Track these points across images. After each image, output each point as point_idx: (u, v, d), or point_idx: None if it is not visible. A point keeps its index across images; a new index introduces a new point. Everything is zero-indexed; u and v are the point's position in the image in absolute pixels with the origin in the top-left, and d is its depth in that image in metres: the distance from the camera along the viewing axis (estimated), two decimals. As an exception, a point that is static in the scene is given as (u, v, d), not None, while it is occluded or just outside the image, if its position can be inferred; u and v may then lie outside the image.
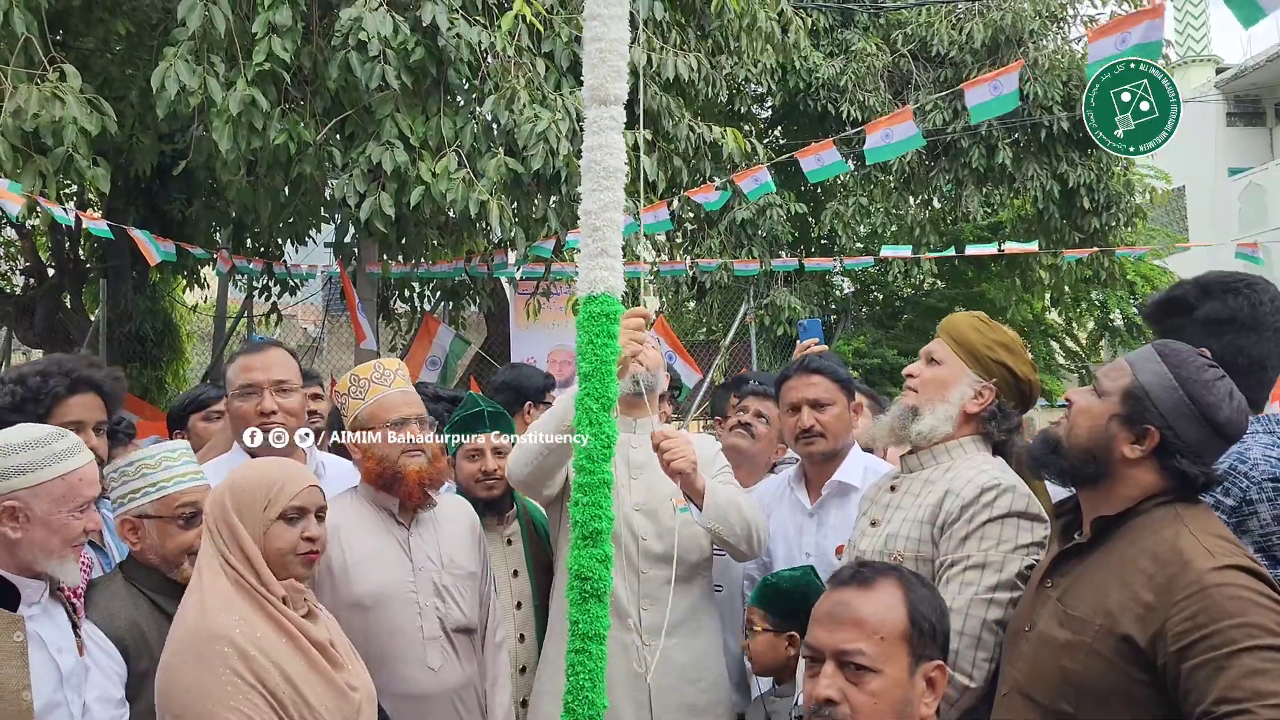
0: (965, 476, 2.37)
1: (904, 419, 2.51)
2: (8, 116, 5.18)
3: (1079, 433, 2.03)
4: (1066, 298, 14.34)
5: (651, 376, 2.98)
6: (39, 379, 2.57)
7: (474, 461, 3.21)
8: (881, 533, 2.49)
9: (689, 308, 15.14)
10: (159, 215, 8.79)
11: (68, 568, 2.14)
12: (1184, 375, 1.95)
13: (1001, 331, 2.56)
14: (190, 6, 5.42)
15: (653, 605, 2.84)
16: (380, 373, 2.89)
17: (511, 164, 5.90)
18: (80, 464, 2.17)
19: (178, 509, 2.40)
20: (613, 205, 2.01)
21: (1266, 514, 2.07)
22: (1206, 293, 2.26)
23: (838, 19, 12.28)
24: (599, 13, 2.04)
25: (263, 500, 2.23)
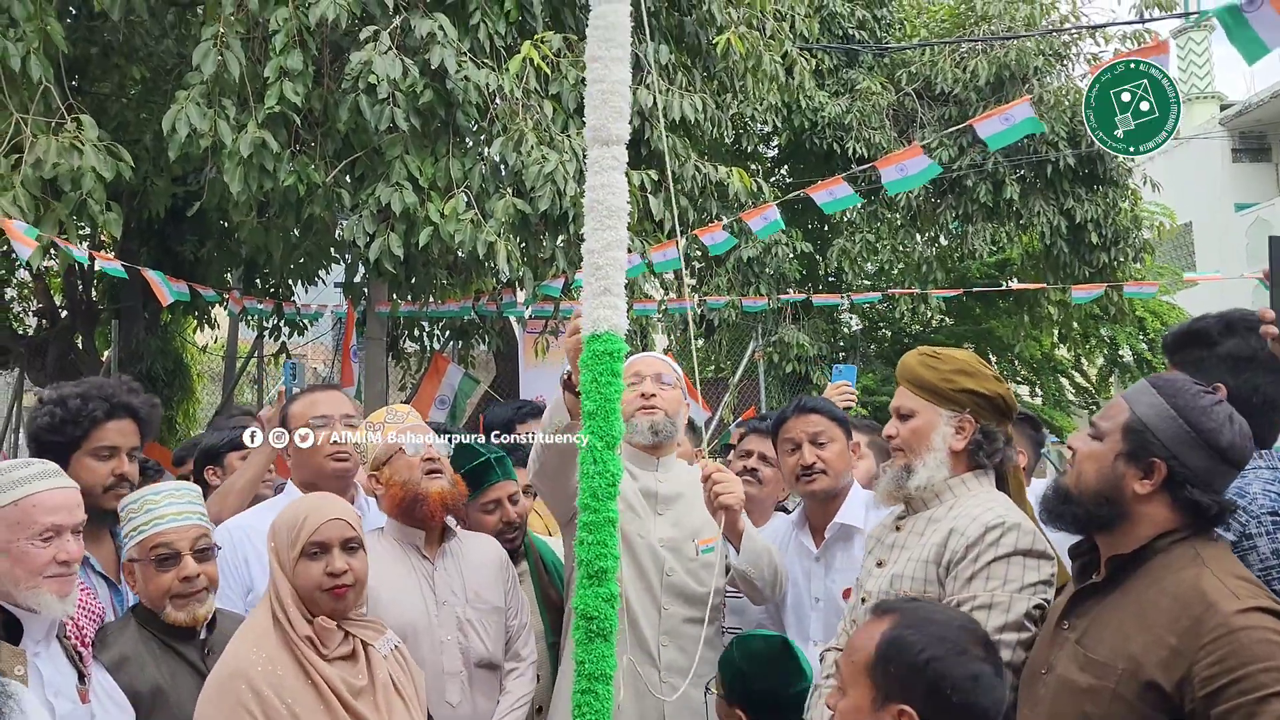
0: (970, 514, 2.36)
1: (899, 480, 2.50)
2: (28, 167, 5.27)
3: (1088, 478, 2.01)
4: (1075, 334, 14.32)
5: (670, 423, 3.00)
6: (79, 401, 2.57)
7: (493, 513, 3.16)
8: (887, 573, 2.48)
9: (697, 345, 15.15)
10: (171, 256, 8.89)
11: (43, 599, 2.07)
12: (1181, 404, 1.94)
13: (953, 359, 2.54)
14: (204, 52, 5.52)
15: (671, 642, 2.84)
16: (394, 415, 2.94)
17: (519, 204, 5.96)
18: (37, 490, 2.11)
19: (152, 550, 2.36)
20: (615, 244, 2.03)
21: (1266, 548, 2.06)
22: (1230, 329, 2.27)
23: (842, 59, 12.40)
24: (600, 55, 2.07)
25: (289, 537, 2.26)
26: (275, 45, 5.59)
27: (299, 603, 2.22)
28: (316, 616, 2.23)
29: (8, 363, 10.61)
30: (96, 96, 7.24)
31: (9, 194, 5.22)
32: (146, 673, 2.29)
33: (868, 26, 12.44)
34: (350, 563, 2.29)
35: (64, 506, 2.15)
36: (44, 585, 2.08)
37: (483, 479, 3.16)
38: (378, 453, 2.86)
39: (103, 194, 5.51)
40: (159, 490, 2.47)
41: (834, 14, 12.02)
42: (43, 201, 5.50)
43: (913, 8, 13.59)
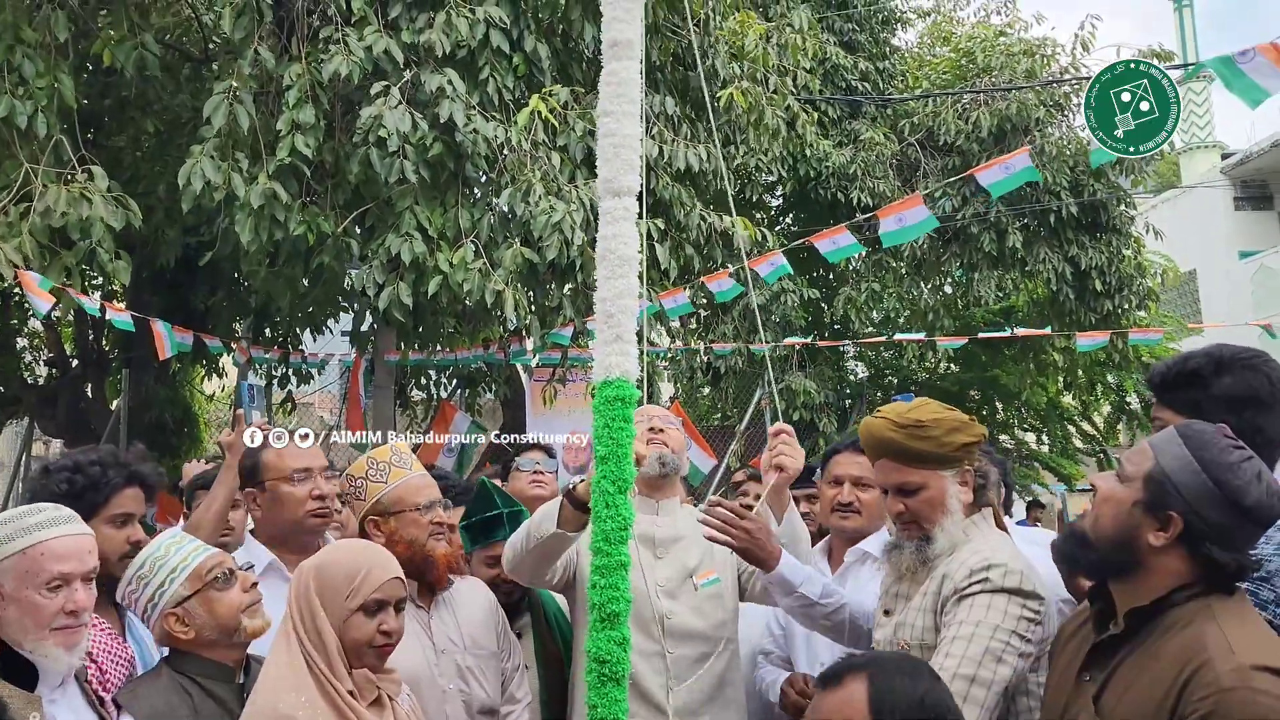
0: (960, 559, 2.37)
1: (921, 551, 2.47)
2: (36, 216, 5.35)
3: (1104, 523, 1.96)
4: (1081, 381, 14.32)
5: (676, 459, 3.05)
6: (98, 469, 2.56)
7: (493, 568, 3.15)
8: (892, 622, 2.50)
9: (704, 393, 15.17)
10: (182, 305, 8.96)
11: (50, 652, 2.03)
12: (1207, 458, 1.87)
13: (939, 421, 2.48)
14: (215, 105, 5.63)
15: (680, 684, 2.83)
16: (399, 456, 2.90)
17: (527, 254, 6.03)
18: (47, 537, 2.07)
19: (208, 575, 2.33)
20: (627, 292, 2.06)
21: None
22: (1223, 368, 2.20)
23: (846, 110, 12.56)
24: (612, 110, 2.12)
25: (345, 588, 2.20)
26: (288, 100, 5.70)
27: (342, 654, 2.18)
28: (356, 669, 2.21)
29: (18, 412, 10.65)
30: (111, 149, 7.37)
31: (15, 240, 5.30)
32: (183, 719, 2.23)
33: (871, 78, 12.62)
34: (401, 623, 2.28)
35: (74, 554, 2.10)
36: (50, 638, 2.04)
37: (492, 532, 3.18)
38: (383, 498, 2.82)
39: (112, 243, 5.59)
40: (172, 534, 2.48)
41: (837, 66, 12.21)
42: (49, 250, 5.58)
43: (915, 60, 13.80)
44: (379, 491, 2.83)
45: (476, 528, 3.23)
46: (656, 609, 2.87)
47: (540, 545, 2.70)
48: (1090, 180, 11.60)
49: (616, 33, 2.13)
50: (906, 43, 14.11)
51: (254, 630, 2.31)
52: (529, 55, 6.30)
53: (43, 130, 5.44)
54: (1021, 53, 11.85)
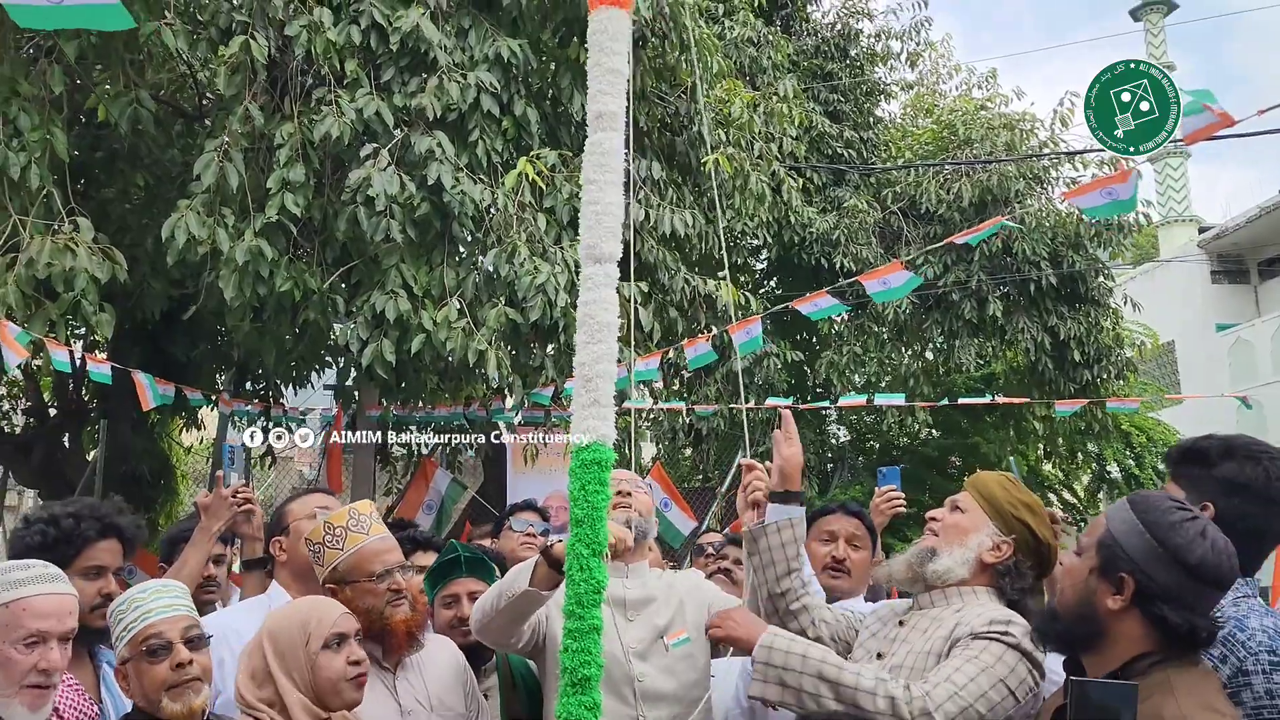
0: (976, 612, 2.42)
1: (922, 558, 2.57)
2: (21, 266, 5.37)
3: (1067, 594, 2.04)
4: (1061, 449, 14.39)
5: (645, 522, 3.06)
6: (72, 521, 2.58)
7: (450, 609, 3.22)
8: (886, 664, 2.50)
9: (685, 454, 15.16)
10: (162, 357, 8.94)
11: (13, 710, 2.02)
12: (1150, 519, 1.97)
13: (1027, 493, 2.62)
14: (205, 163, 5.68)
15: None
16: (356, 519, 2.83)
17: (511, 314, 6.07)
18: (31, 593, 2.08)
19: (143, 643, 2.31)
20: (605, 357, 2.09)
21: (1260, 686, 2.02)
22: (1230, 454, 2.30)
23: (830, 178, 12.77)
24: (595, 178, 2.17)
25: (302, 637, 2.26)
26: (279, 158, 5.77)
27: (310, 708, 2.20)
28: (333, 712, 2.22)
29: (-8, 461, 10.54)
30: (100, 201, 7.40)
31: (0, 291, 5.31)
32: None
33: (855, 147, 12.86)
34: (364, 653, 2.36)
35: (54, 614, 2.12)
36: (17, 696, 2.03)
37: (448, 574, 3.26)
38: (339, 566, 2.78)
39: (96, 295, 5.60)
40: (145, 589, 2.44)
41: (823, 134, 12.44)
42: (34, 301, 5.59)
43: (898, 130, 14.07)
44: (335, 559, 2.78)
45: (435, 572, 3.30)
46: (628, 671, 2.86)
47: (511, 604, 2.68)
48: (1069, 252, 11.79)
49: (601, 105, 2.19)
50: (890, 114, 14.39)
51: (173, 714, 2.26)
52: (518, 119, 6.41)
53: (35, 182, 5.49)
54: (1002, 126, 12.10)
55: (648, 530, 3.10)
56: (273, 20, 5.85)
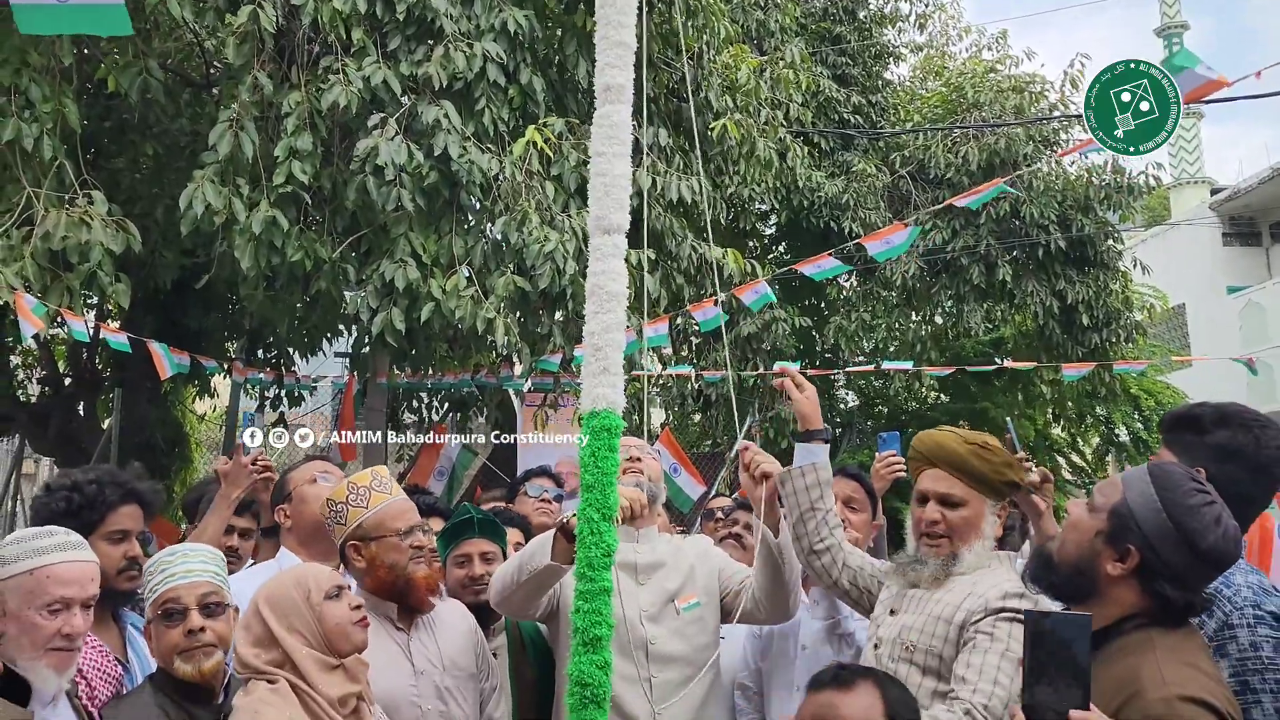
0: (992, 582, 2.48)
1: (946, 566, 2.58)
2: (37, 240, 5.42)
3: (1068, 549, 2.07)
4: (1070, 413, 14.40)
5: (654, 487, 3.12)
6: (95, 487, 2.65)
7: (462, 568, 3.30)
8: (898, 622, 2.58)
9: (694, 420, 15.23)
10: (174, 326, 9.01)
11: (41, 672, 2.10)
12: (1170, 498, 1.98)
13: (999, 451, 2.64)
14: (220, 133, 5.71)
15: (668, 708, 2.89)
16: (379, 480, 2.95)
17: (519, 282, 6.10)
18: (55, 561, 2.16)
19: (161, 607, 2.41)
20: (614, 326, 2.14)
21: (1245, 639, 2.09)
22: (1224, 421, 2.36)
23: (838, 142, 12.71)
24: (603, 150, 2.21)
25: (302, 593, 2.36)
26: (287, 127, 5.79)
27: (318, 659, 2.29)
28: (345, 659, 2.33)
29: (9, 430, 10.66)
30: (110, 171, 7.44)
31: (17, 265, 5.37)
32: None
33: (863, 111, 12.79)
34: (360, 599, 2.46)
35: (77, 580, 2.19)
36: (43, 659, 2.11)
37: (460, 534, 3.33)
38: (364, 523, 2.87)
39: (112, 266, 5.66)
40: (175, 551, 2.54)
41: (831, 99, 12.37)
42: (50, 273, 5.65)
43: (906, 94, 13.97)
44: (359, 516, 2.87)
45: (448, 533, 3.37)
46: (639, 635, 2.93)
47: (534, 577, 2.75)
48: (1078, 215, 11.74)
49: (609, 78, 2.23)
50: (899, 76, 14.30)
51: (185, 675, 2.35)
52: (524, 87, 6.41)
53: (47, 154, 5.52)
54: (1010, 89, 12.01)
55: (657, 495, 3.18)
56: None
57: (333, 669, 2.34)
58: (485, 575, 3.23)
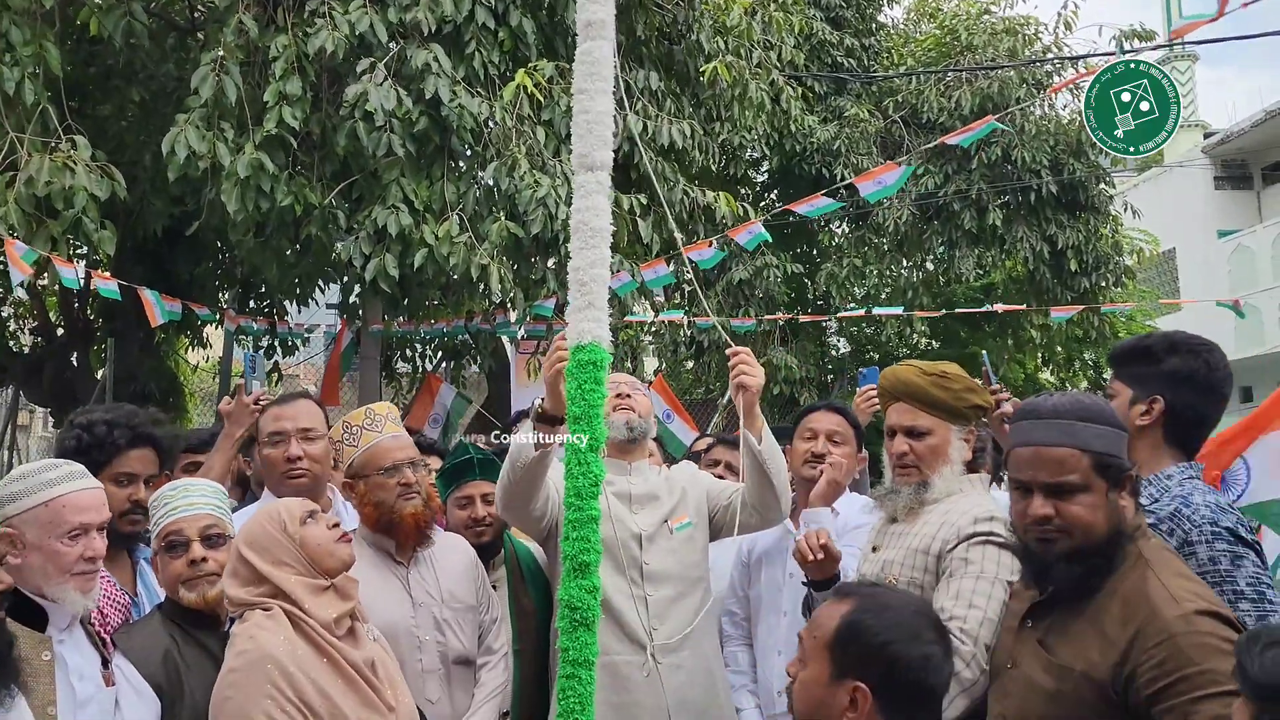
0: (961, 509, 2.54)
1: (918, 493, 2.64)
2: (20, 185, 5.40)
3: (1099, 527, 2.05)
4: (1059, 357, 14.50)
5: (644, 422, 3.22)
6: (105, 428, 2.71)
7: (464, 509, 3.35)
8: (880, 558, 2.66)
9: (687, 367, 15.30)
10: (166, 275, 9.00)
11: (69, 595, 2.21)
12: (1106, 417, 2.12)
13: (960, 378, 2.70)
14: (203, 77, 5.67)
15: (662, 624, 3.01)
16: (371, 418, 3.01)
17: (512, 228, 6.10)
18: (66, 491, 2.25)
19: (164, 539, 2.51)
20: (599, 262, 2.17)
21: (1204, 554, 2.21)
22: (1174, 349, 2.46)
23: (831, 87, 12.63)
24: (586, 88, 2.23)
25: (276, 525, 2.41)
26: (275, 71, 5.75)
27: (306, 583, 2.36)
28: (334, 578, 2.40)
29: (3, 381, 10.69)
30: (96, 118, 7.39)
31: (1, 210, 5.36)
32: (169, 659, 2.40)
33: (856, 55, 12.69)
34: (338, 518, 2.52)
35: (91, 506, 2.29)
36: (70, 582, 2.22)
37: (462, 475, 3.37)
38: (354, 462, 2.96)
39: (96, 212, 5.64)
40: (176, 486, 2.62)
41: (823, 42, 12.27)
42: (35, 219, 5.63)
43: (900, 37, 13.86)
44: (351, 455, 2.97)
45: (450, 473, 3.41)
46: (636, 555, 3.06)
47: (525, 471, 2.83)
48: (1070, 159, 11.72)
49: (590, 14, 2.23)
50: (892, 19, 14.17)
51: (190, 602, 2.46)
52: (514, 30, 6.35)
53: (29, 98, 5.48)
54: (1004, 31, 11.93)
55: (647, 430, 3.26)
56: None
57: (324, 590, 2.39)
58: (487, 516, 3.30)
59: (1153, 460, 2.40)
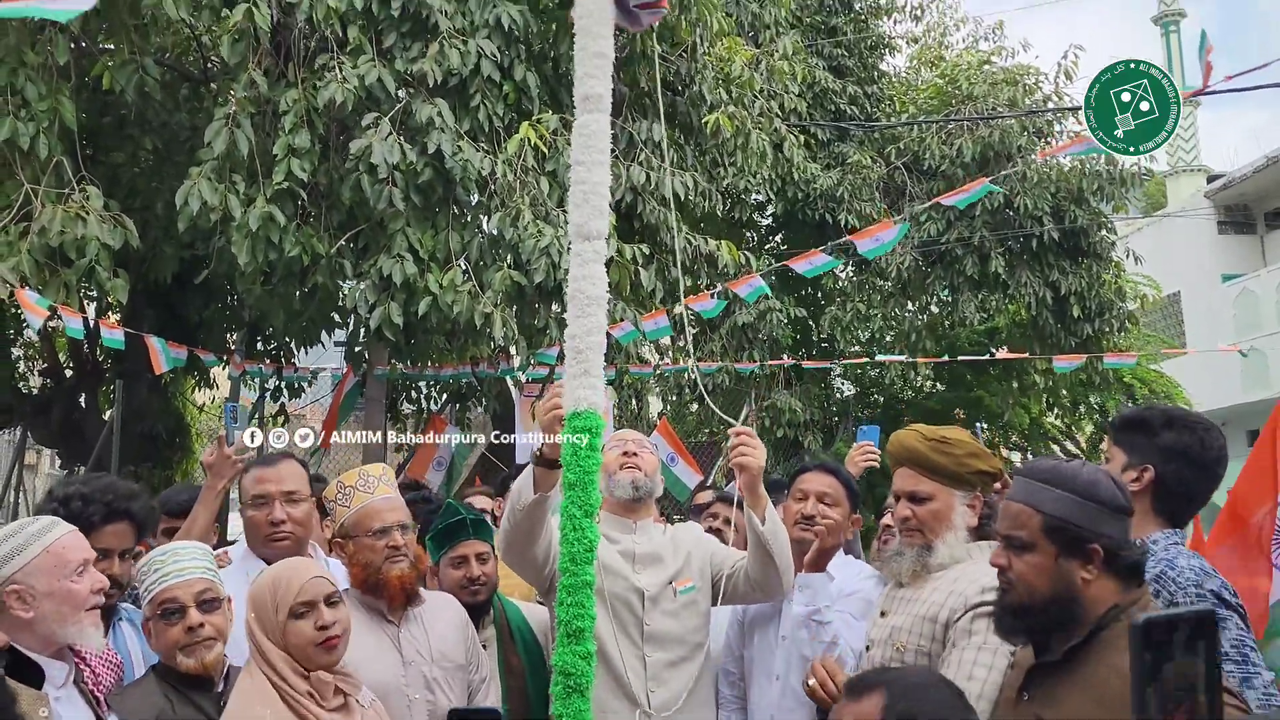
0: (970, 577, 2.55)
1: (921, 557, 2.67)
2: (34, 235, 5.49)
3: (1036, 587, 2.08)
4: (1064, 400, 14.49)
5: (650, 481, 3.25)
6: (80, 503, 2.75)
7: (459, 569, 3.35)
8: (888, 624, 2.68)
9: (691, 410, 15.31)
10: (175, 317, 9.09)
11: (86, 632, 2.31)
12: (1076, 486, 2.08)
13: (962, 443, 2.72)
14: (216, 131, 5.78)
15: (660, 686, 3.03)
16: (364, 480, 3.05)
17: (516, 276, 6.18)
18: (58, 535, 2.37)
19: (160, 606, 2.53)
20: (595, 329, 2.23)
21: None
22: (1170, 424, 2.54)
23: (834, 133, 12.76)
24: (583, 159, 2.30)
25: (272, 603, 2.44)
26: (285, 124, 5.85)
27: (291, 662, 2.38)
28: (312, 672, 2.39)
29: (11, 421, 10.75)
30: (109, 165, 7.50)
31: (14, 260, 5.44)
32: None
33: (859, 102, 12.83)
34: (336, 615, 2.48)
35: (81, 546, 2.44)
36: (86, 619, 2.32)
37: (455, 535, 3.40)
38: (345, 522, 3.00)
39: (109, 261, 5.73)
40: (165, 551, 2.65)
41: (826, 90, 12.41)
42: (48, 268, 5.72)
43: (902, 85, 14.00)
44: (343, 515, 3.02)
45: (442, 534, 3.43)
46: (638, 615, 3.08)
47: (525, 515, 2.87)
48: (1071, 206, 11.80)
49: (588, 88, 2.31)
50: (894, 67, 14.33)
51: (189, 668, 2.48)
52: (519, 83, 6.46)
53: (44, 152, 5.58)
54: (1004, 81, 12.06)
55: (652, 489, 3.30)
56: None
57: (302, 677, 2.41)
58: (481, 575, 3.33)
59: (1139, 526, 2.43)
